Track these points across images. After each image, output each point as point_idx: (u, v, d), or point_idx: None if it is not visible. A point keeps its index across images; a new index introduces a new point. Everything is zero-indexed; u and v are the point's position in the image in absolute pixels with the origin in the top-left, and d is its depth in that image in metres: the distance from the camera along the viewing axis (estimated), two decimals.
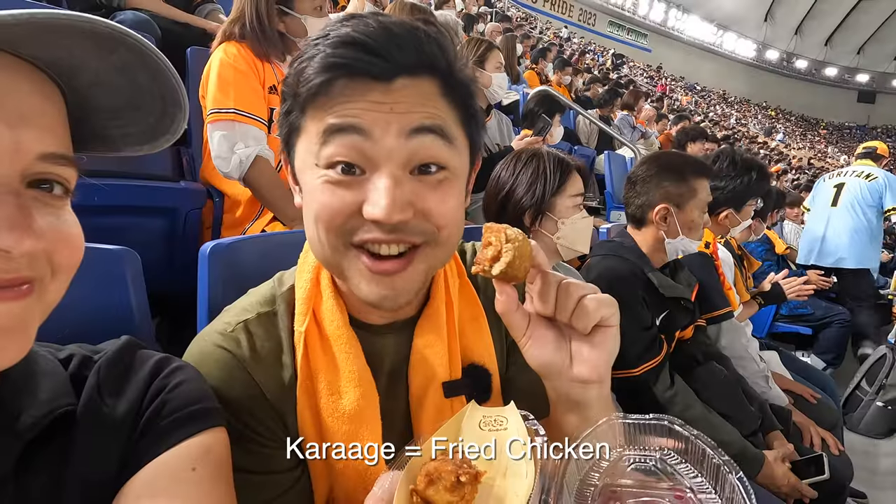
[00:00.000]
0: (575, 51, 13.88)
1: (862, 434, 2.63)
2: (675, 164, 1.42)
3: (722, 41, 37.03)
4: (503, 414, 0.52)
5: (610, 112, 4.96)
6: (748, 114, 31.67)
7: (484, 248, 0.50)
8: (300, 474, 0.58)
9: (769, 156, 16.97)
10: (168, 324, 1.58)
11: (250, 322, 0.58)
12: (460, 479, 0.41)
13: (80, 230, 0.41)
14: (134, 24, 1.86)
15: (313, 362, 0.57)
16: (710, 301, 1.70)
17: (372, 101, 0.48)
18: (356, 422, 0.56)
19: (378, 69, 0.48)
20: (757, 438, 1.43)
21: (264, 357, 0.57)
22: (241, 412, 0.54)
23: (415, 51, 0.50)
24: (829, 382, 2.17)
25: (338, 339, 0.57)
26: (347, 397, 0.56)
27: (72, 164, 0.39)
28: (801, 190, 7.05)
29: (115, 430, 0.44)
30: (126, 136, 0.43)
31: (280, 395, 0.56)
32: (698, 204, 1.40)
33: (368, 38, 0.48)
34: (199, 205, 1.52)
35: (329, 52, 0.48)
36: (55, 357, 0.46)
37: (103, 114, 0.40)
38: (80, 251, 0.40)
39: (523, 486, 0.43)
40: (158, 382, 0.47)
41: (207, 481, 0.45)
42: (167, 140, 0.44)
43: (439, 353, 0.60)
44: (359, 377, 0.57)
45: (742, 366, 1.68)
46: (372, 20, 0.50)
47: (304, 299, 0.59)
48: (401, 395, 0.62)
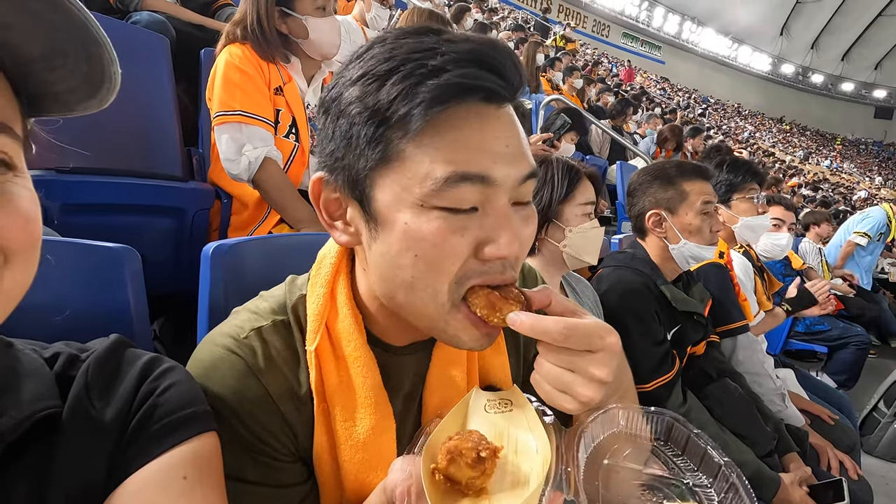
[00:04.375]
0: (588, 61, 13.90)
1: (879, 458, 2.55)
2: (663, 170, 1.42)
3: (737, 55, 36.90)
4: (507, 397, 0.54)
5: (622, 122, 4.92)
6: (762, 127, 31.42)
7: None
8: (309, 490, 0.56)
9: (783, 169, 16.81)
10: (172, 325, 1.57)
11: (265, 330, 0.55)
12: (480, 454, 0.42)
13: (35, 204, 0.37)
14: (149, 24, 1.87)
15: (327, 385, 0.54)
16: (725, 313, 1.65)
17: (493, 137, 0.46)
18: (371, 450, 0.54)
19: (501, 92, 0.45)
20: (773, 460, 1.38)
21: (279, 367, 0.54)
22: (253, 422, 0.52)
23: (516, 72, 0.47)
24: (845, 403, 2.10)
25: (355, 360, 0.54)
26: (362, 424, 0.54)
27: (8, 133, 0.35)
28: (817, 205, 6.94)
29: (102, 435, 0.41)
30: (71, 90, 0.39)
31: (293, 408, 0.54)
32: (691, 205, 1.37)
33: (490, 56, 0.44)
34: (207, 205, 1.52)
35: (456, 72, 0.43)
36: (40, 355, 0.44)
37: (38, 64, 0.37)
38: (32, 228, 0.36)
39: (537, 461, 0.45)
40: (148, 385, 0.45)
41: (199, 490, 0.43)
42: (108, 90, 0.40)
43: (459, 374, 0.59)
44: (375, 402, 0.54)
45: (758, 383, 1.63)
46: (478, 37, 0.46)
47: (317, 315, 0.55)
48: (411, 420, 0.60)
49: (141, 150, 1.62)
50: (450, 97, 0.43)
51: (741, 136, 23.51)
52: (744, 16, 33.24)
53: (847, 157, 32.36)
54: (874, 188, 24.59)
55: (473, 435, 0.44)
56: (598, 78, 8.17)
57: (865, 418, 2.66)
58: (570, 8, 28.71)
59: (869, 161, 33.42)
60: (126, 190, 1.32)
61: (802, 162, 24.73)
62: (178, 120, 1.76)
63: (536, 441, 0.47)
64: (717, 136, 18.06)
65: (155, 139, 1.68)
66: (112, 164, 1.43)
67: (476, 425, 0.49)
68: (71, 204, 1.21)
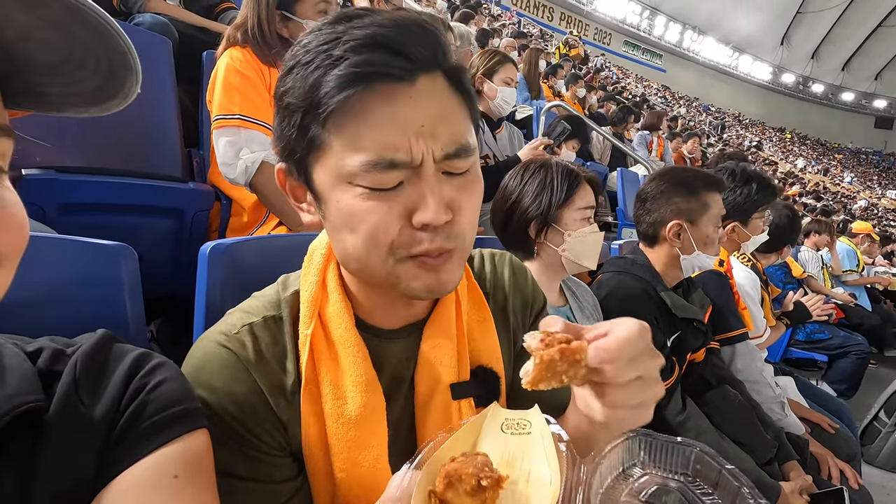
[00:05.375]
0: (590, 69, 13.95)
1: (880, 467, 2.53)
2: (686, 179, 1.39)
3: (738, 63, 37.03)
4: (527, 417, 0.49)
5: (623, 130, 4.94)
6: (763, 136, 31.49)
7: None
8: (300, 485, 0.56)
9: (784, 179, 16.82)
10: (170, 326, 1.56)
11: (256, 325, 0.56)
12: (481, 482, 0.38)
13: (22, 209, 0.36)
14: (152, 26, 1.88)
15: (318, 366, 0.55)
16: (724, 321, 1.65)
17: (405, 117, 0.46)
18: (362, 428, 0.54)
19: (404, 72, 0.46)
20: (772, 468, 1.37)
21: (269, 362, 0.55)
22: (243, 415, 0.52)
23: (429, 45, 0.48)
24: (845, 411, 2.08)
25: (344, 342, 0.56)
26: (353, 402, 0.54)
27: (5, 132, 0.35)
28: (817, 214, 6.95)
29: (91, 431, 0.41)
30: (68, 95, 0.39)
31: (282, 402, 0.55)
32: (711, 218, 1.37)
33: (388, 37, 0.45)
34: (206, 207, 1.51)
35: (353, 60, 0.44)
36: (22, 350, 0.44)
37: (39, 69, 0.36)
38: (25, 233, 0.36)
39: (546, 495, 0.40)
40: (138, 381, 0.44)
41: (191, 489, 0.42)
42: (117, 104, 0.40)
43: (448, 355, 0.59)
44: (365, 382, 0.55)
45: (757, 391, 1.62)
46: (382, 17, 0.47)
47: (310, 302, 0.57)
48: (402, 400, 0.60)
49: (141, 151, 1.62)
50: (348, 86, 0.44)
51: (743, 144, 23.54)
52: (744, 25, 33.38)
53: (847, 166, 32.39)
54: (874, 197, 24.62)
55: (478, 459, 0.40)
56: (599, 85, 8.19)
57: (866, 428, 2.64)
58: (572, 16, 28.89)
59: (870, 171, 33.46)
60: (125, 190, 1.32)
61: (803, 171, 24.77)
62: (179, 121, 1.76)
63: (551, 472, 0.43)
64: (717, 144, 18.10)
65: (156, 140, 1.69)
66: (112, 164, 1.43)
67: (487, 446, 0.46)
68: (70, 203, 1.20)
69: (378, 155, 0.46)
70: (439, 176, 0.49)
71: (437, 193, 0.48)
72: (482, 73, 2.37)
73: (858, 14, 30.47)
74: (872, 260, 5.71)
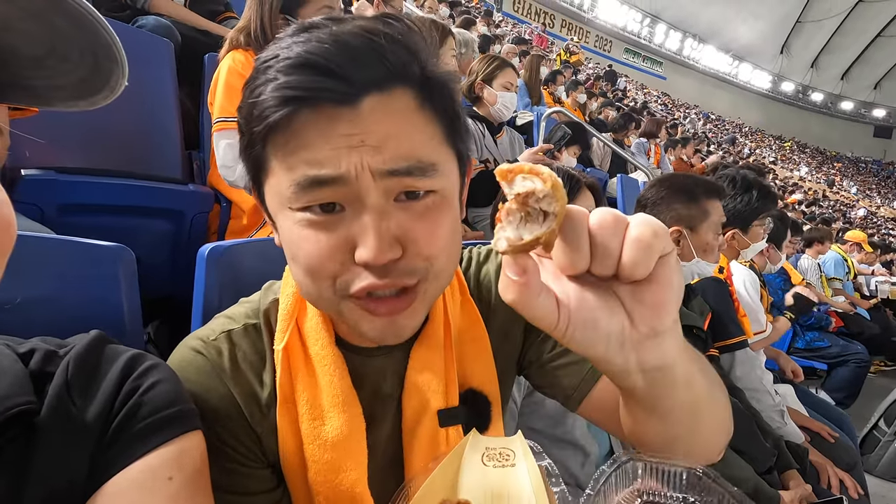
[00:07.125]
0: (590, 75, 14.02)
1: (880, 477, 2.52)
2: (686, 186, 1.40)
3: (737, 72, 37.18)
4: (509, 446, 0.45)
5: (624, 137, 4.95)
6: (763, 144, 31.59)
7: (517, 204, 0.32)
8: (279, 498, 0.55)
9: (784, 186, 16.86)
10: (168, 328, 1.56)
11: (235, 333, 0.55)
12: None
13: (9, 208, 0.35)
14: (155, 28, 1.88)
15: (295, 383, 0.53)
16: (723, 328, 1.64)
17: (341, 135, 0.41)
18: (339, 450, 0.52)
19: (338, 95, 0.41)
20: (772, 477, 1.36)
21: (244, 372, 0.53)
22: (217, 425, 0.51)
23: (378, 62, 0.42)
24: (845, 420, 2.08)
25: (322, 359, 0.53)
26: (331, 424, 0.52)
27: None
28: (818, 222, 6.96)
29: (84, 434, 0.40)
30: (55, 88, 0.38)
31: (257, 413, 0.53)
32: (711, 225, 1.37)
33: (322, 57, 0.41)
34: (206, 209, 1.51)
35: (282, 81, 0.41)
36: (14, 351, 0.43)
37: (25, 62, 0.35)
38: (13, 232, 0.35)
39: None
40: (131, 383, 0.44)
41: (185, 491, 0.42)
42: (104, 97, 0.39)
43: (436, 378, 0.56)
44: (343, 402, 0.52)
45: (757, 399, 1.61)
46: (324, 33, 0.42)
47: (287, 314, 0.55)
48: (390, 422, 0.58)
49: (142, 153, 1.62)
50: (281, 105, 0.41)
51: (742, 151, 23.63)
52: (744, 34, 33.57)
53: (846, 175, 32.47)
54: (874, 206, 24.67)
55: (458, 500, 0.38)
56: (599, 92, 8.22)
57: (865, 437, 2.63)
58: (572, 23, 29.02)
59: (869, 179, 33.54)
60: (125, 191, 1.31)
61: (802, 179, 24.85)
62: (179, 123, 1.76)
63: None
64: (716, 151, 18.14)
65: (156, 142, 1.69)
66: (112, 166, 1.43)
67: (468, 483, 0.42)
68: (69, 204, 1.20)
69: (303, 174, 0.42)
70: (389, 203, 0.44)
71: (380, 225, 0.42)
72: (481, 78, 2.38)
73: (858, 23, 30.65)
74: (872, 269, 5.73)
